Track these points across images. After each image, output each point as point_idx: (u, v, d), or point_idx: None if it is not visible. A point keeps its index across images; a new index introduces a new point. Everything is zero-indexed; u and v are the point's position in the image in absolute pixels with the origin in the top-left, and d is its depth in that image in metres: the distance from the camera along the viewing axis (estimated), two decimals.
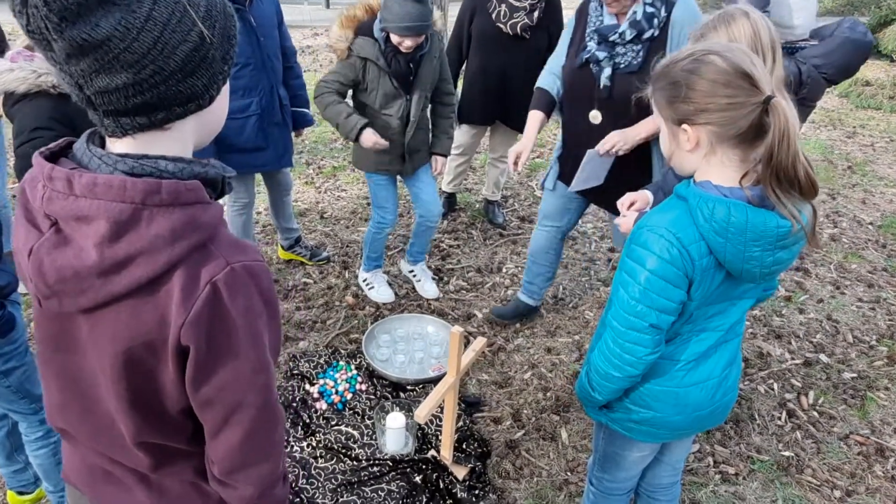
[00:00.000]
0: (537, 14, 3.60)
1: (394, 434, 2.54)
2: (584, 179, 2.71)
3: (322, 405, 2.83)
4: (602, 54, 2.57)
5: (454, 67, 3.89)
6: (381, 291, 3.66)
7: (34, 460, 2.18)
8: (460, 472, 2.50)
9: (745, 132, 1.29)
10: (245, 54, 3.02)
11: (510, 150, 2.80)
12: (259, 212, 4.50)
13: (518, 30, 3.61)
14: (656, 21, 2.47)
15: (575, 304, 3.70)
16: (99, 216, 0.86)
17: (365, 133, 2.94)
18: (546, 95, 2.84)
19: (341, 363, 3.08)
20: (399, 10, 2.75)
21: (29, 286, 0.94)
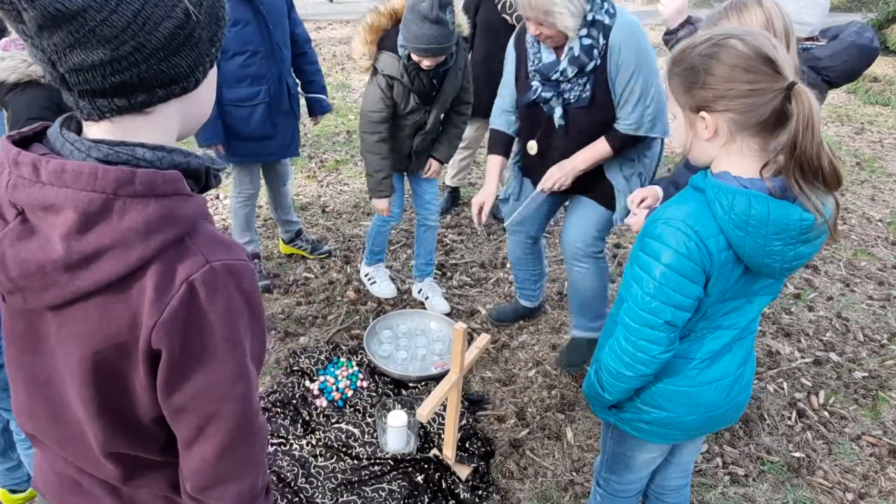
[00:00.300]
0: None
1: (395, 432, 2.48)
2: (522, 217, 2.81)
3: (322, 402, 2.78)
4: (548, 94, 2.48)
5: None
6: (383, 286, 3.61)
7: (25, 459, 2.13)
8: (463, 472, 2.45)
9: (766, 120, 1.23)
10: (254, 42, 2.99)
11: (473, 201, 2.82)
12: (260, 205, 4.44)
13: None
14: (596, 52, 2.35)
15: None
16: (66, 206, 0.80)
17: (384, 201, 3.11)
18: (502, 137, 2.79)
19: (342, 359, 3.02)
20: (417, 31, 2.66)
21: None
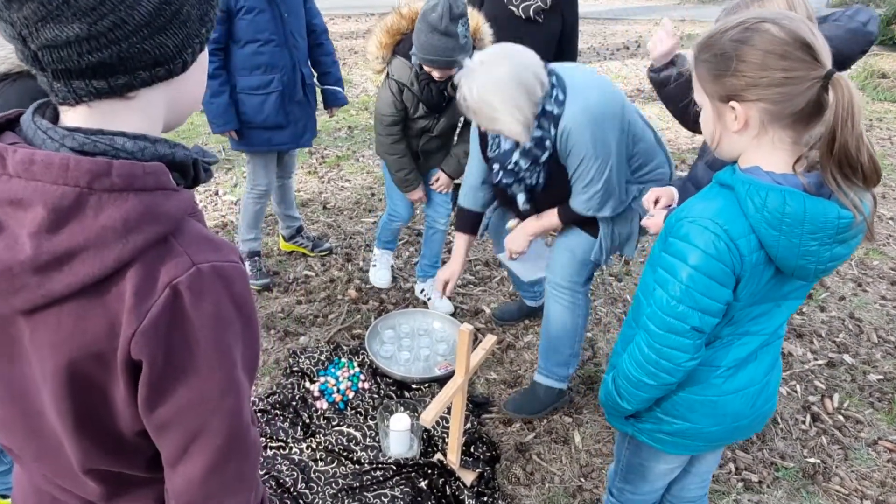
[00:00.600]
0: None
1: (398, 436, 2.40)
2: (531, 269, 2.79)
3: (323, 404, 2.70)
4: (509, 180, 2.42)
5: None
6: (380, 275, 3.57)
7: None
8: (468, 478, 2.36)
9: (802, 110, 1.14)
10: (267, 31, 2.96)
11: (438, 276, 2.77)
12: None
13: (531, 13, 3.45)
14: (548, 142, 2.24)
15: None
16: (35, 201, 0.71)
17: (417, 192, 3.14)
18: (469, 214, 2.71)
19: (343, 360, 2.94)
20: (425, 41, 2.59)
21: None
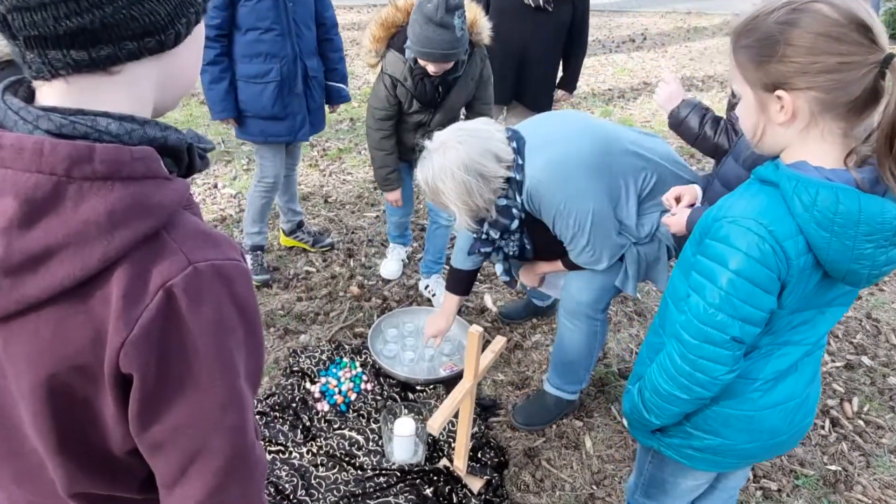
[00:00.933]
0: None
1: (402, 442, 2.30)
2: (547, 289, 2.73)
3: (324, 406, 2.59)
4: (486, 249, 2.32)
5: None
6: (388, 266, 3.52)
7: None
8: (475, 485, 2.26)
9: (857, 99, 1.03)
10: (269, 19, 2.87)
11: (427, 329, 2.70)
12: None
13: (541, 1, 3.32)
14: (515, 210, 2.13)
15: None
16: (5, 191, 0.62)
17: (394, 193, 3.06)
18: (461, 275, 2.59)
19: (345, 360, 2.84)
20: (419, 33, 2.47)
21: None
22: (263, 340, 0.82)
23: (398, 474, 2.30)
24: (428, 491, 2.25)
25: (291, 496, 2.23)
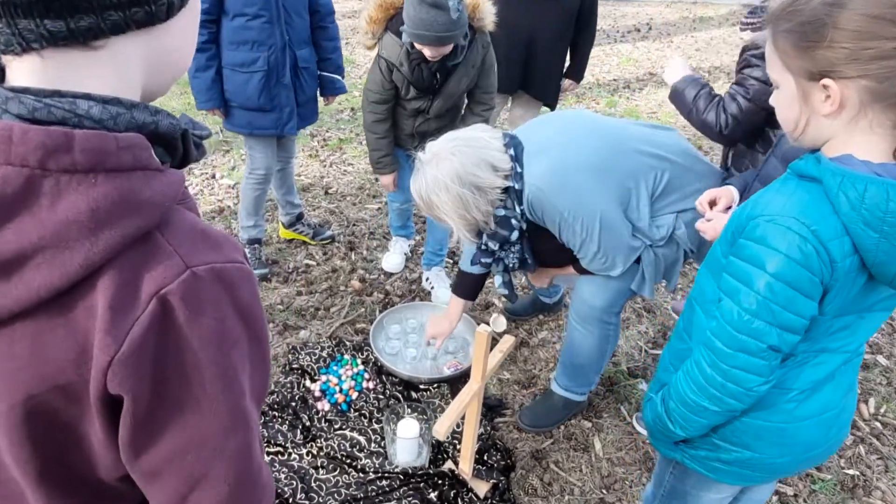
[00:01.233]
0: None
1: (406, 444, 2.22)
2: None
3: (324, 405, 2.51)
4: (487, 260, 2.22)
5: None
6: (390, 259, 3.45)
7: None
8: (481, 489, 2.18)
9: None
10: (257, 4, 2.75)
11: (428, 329, 2.60)
12: None
13: None
14: (514, 221, 2.03)
15: None
16: None
17: (387, 177, 2.98)
18: (469, 279, 2.48)
19: (346, 357, 2.75)
20: (414, 15, 2.36)
21: None
22: (269, 353, 0.74)
23: (401, 477, 2.22)
24: (432, 495, 2.17)
25: (291, 500, 2.15)
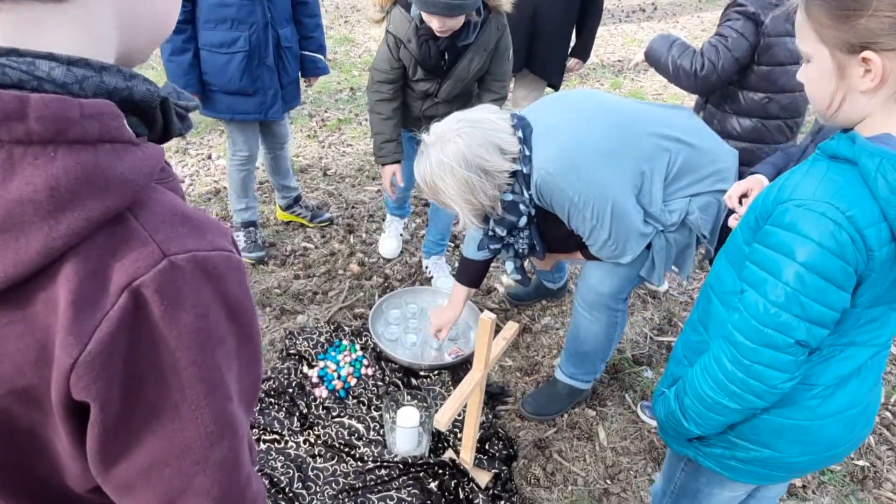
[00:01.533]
0: None
1: (405, 433, 2.16)
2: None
3: (322, 392, 2.45)
4: (495, 246, 2.14)
5: None
6: (386, 243, 3.34)
7: None
8: (482, 478, 2.13)
9: None
10: None
11: (432, 319, 2.50)
12: (257, 167, 4.05)
13: None
14: (523, 206, 1.95)
15: None
16: None
17: (389, 167, 2.71)
18: (472, 265, 2.39)
19: (344, 343, 2.69)
20: None
21: None
22: (260, 351, 0.67)
23: (400, 467, 2.16)
24: (432, 485, 2.11)
25: (287, 489, 2.10)
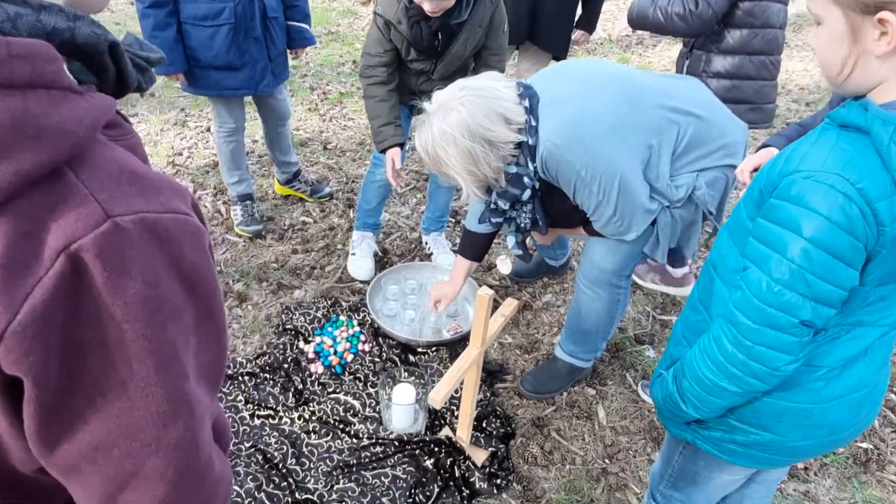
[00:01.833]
0: None
1: (401, 410, 2.13)
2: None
3: (318, 368, 2.42)
4: (497, 220, 2.07)
5: None
6: (358, 264, 2.93)
7: None
8: (479, 457, 2.10)
9: None
10: None
11: (431, 292, 2.44)
12: (255, 140, 4.01)
13: None
14: (527, 179, 1.88)
15: None
16: None
17: (390, 152, 2.47)
18: (474, 238, 2.32)
19: (342, 318, 2.65)
20: None
21: None
22: (224, 325, 0.62)
23: (396, 444, 2.14)
24: (428, 462, 2.09)
25: (281, 465, 2.07)
